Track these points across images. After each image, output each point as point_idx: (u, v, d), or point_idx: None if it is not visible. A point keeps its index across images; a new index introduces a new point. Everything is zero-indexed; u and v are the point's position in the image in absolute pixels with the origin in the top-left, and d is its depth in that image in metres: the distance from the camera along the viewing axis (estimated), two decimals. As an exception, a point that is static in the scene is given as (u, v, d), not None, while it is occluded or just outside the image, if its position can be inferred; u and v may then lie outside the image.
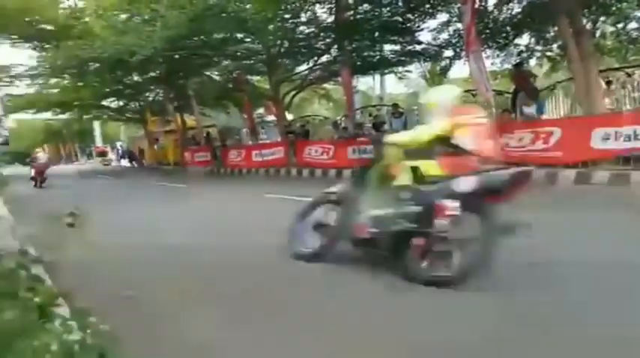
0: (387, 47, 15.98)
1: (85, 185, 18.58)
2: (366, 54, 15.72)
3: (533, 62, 14.54)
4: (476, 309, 3.10)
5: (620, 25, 11.94)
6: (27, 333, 0.95)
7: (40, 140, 54.07)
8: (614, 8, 11.28)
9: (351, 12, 13.99)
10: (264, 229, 6.16)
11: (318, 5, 14.87)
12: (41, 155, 16.83)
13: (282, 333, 2.87)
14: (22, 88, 25.15)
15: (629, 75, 11.16)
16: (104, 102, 29.77)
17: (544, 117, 10.76)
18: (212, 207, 9.60)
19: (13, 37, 19.42)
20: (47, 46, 20.63)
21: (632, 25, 11.76)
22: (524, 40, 13.41)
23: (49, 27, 19.16)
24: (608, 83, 11.29)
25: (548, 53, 13.80)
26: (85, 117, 34.58)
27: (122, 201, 11.88)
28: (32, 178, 15.67)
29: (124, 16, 17.01)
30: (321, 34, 15.11)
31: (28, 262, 1.19)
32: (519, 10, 12.03)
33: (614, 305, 3.03)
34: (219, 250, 5.35)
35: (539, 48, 13.48)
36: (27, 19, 17.86)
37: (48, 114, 33.29)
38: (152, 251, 5.55)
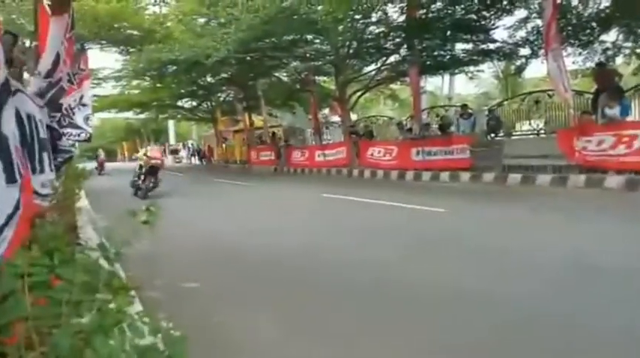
0: (459, 46, 15.53)
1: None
2: (436, 53, 15.37)
3: (619, 60, 13.53)
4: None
5: None
6: (104, 331, 1.01)
7: (120, 138, 58.12)
8: None
9: (423, 10, 13.73)
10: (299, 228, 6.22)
11: (389, 5, 14.75)
12: (101, 153, 27.26)
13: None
14: (107, 88, 27.25)
15: None
16: (179, 103, 31.47)
17: (629, 119, 9.97)
18: (266, 206, 9.85)
19: (102, 42, 21.01)
20: (132, 50, 22.13)
21: None
22: (611, 36, 12.51)
23: (135, 32, 20.53)
24: None
25: (638, 50, 12.76)
26: (161, 116, 36.68)
27: (192, 196, 12.54)
28: (96, 168, 23.37)
29: (202, 20, 17.87)
30: (391, 33, 14.96)
31: (108, 256, 1.26)
32: (608, 3, 11.21)
33: None
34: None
35: (628, 45, 12.51)
36: (116, 26, 19.25)
37: (129, 114, 35.71)
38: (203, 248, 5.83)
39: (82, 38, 15.93)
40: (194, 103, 31.82)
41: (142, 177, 11.38)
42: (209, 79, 25.72)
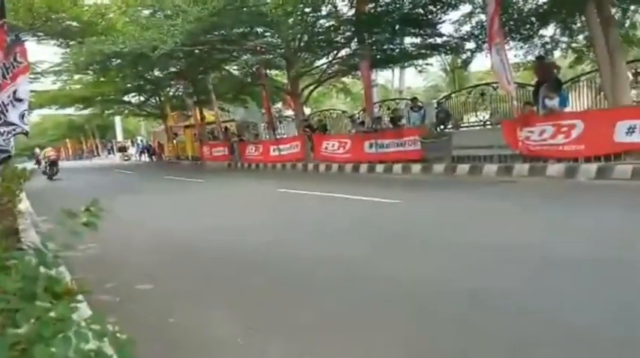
0: (408, 40, 15.77)
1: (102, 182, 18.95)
2: (386, 47, 15.54)
3: (557, 54, 14.25)
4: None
5: (651, 15, 11.63)
6: (43, 340, 0.96)
7: (63, 135, 55.30)
8: (644, -4, 10.98)
9: (372, 4, 13.85)
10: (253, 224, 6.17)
11: (339, -2, 14.80)
12: (38, 151, 29.07)
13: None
14: (46, 84, 25.72)
15: (658, 66, 10.91)
16: (125, 98, 30.26)
17: (567, 109, 10.55)
18: (220, 203, 9.69)
19: (39, 34, 19.76)
20: (72, 42, 20.97)
21: (663, 14, 11.45)
22: (550, 31, 13.13)
23: (74, 24, 19.41)
24: (636, 75, 11.03)
25: (574, 44, 13.49)
26: (106, 112, 35.16)
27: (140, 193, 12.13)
28: (35, 163, 26.12)
29: (147, 12, 17.19)
30: (341, 27, 15.00)
31: (47, 259, 1.20)
32: (545, 0, 11.75)
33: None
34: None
35: (564, 39, 13.17)
36: (53, 17, 18.13)
37: (71, 110, 34.00)
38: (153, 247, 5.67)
39: (16, 29, 14.92)
40: (142, 98, 30.70)
41: (48, 167, 18.90)
42: (157, 72, 24.89)
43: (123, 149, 42.93)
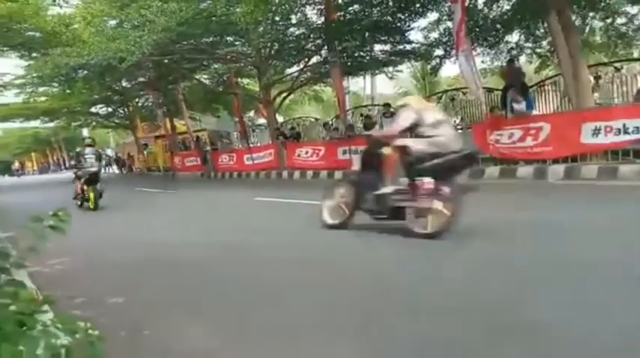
0: (378, 47, 15.97)
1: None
2: (356, 54, 15.70)
3: (522, 59, 14.65)
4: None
5: (608, 21, 12.07)
6: (9, 340, 0.92)
7: (27, 148, 53.59)
8: (602, 4, 11.40)
9: (341, 12, 13.95)
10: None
11: (308, 7, 14.84)
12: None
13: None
14: (9, 96, 24.89)
15: (617, 69, 11.31)
16: (93, 109, 29.60)
17: (534, 113, 10.83)
18: (193, 214, 9.49)
19: (-2, 45, 19.11)
20: (35, 54, 20.35)
21: (620, 20, 11.90)
22: (514, 37, 13.50)
23: (37, 34, 18.82)
24: (597, 78, 11.42)
25: (538, 50, 13.90)
26: (73, 124, 34.30)
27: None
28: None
29: (113, 22, 16.84)
30: (311, 35, 15.07)
31: (8, 265, 1.14)
32: (509, 7, 12.08)
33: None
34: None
35: (528, 45, 13.57)
36: (14, 27, 17.53)
37: (36, 123, 33.09)
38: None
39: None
40: (110, 109, 30.12)
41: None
42: (125, 83, 24.47)
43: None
